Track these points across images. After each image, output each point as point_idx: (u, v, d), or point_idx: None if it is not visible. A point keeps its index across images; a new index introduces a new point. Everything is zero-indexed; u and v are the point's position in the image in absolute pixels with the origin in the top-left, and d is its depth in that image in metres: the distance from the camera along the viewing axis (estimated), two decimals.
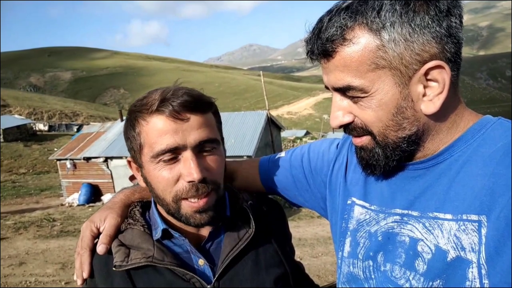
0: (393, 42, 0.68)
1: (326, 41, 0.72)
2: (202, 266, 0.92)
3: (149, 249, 0.90)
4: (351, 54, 0.71)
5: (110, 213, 0.99)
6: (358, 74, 0.72)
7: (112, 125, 20.18)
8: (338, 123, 0.78)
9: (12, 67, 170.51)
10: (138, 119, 0.87)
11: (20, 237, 11.18)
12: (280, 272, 0.98)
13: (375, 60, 0.70)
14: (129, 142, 0.91)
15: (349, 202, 0.95)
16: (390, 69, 0.71)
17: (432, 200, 0.77)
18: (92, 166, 17.90)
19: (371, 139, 0.78)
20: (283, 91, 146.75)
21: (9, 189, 22.75)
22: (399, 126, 0.74)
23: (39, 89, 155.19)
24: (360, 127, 0.77)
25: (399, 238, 0.81)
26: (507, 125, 0.75)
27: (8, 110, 59.76)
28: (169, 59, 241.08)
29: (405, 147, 0.77)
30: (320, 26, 0.74)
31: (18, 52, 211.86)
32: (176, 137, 0.84)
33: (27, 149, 34.79)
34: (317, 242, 9.45)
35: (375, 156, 0.79)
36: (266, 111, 17.98)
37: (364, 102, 0.74)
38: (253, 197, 1.05)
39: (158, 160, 0.86)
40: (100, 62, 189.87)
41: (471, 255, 0.69)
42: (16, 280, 7.48)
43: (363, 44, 0.70)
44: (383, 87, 0.72)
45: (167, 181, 0.86)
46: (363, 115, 0.75)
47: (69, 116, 63.65)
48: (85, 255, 0.94)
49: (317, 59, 0.76)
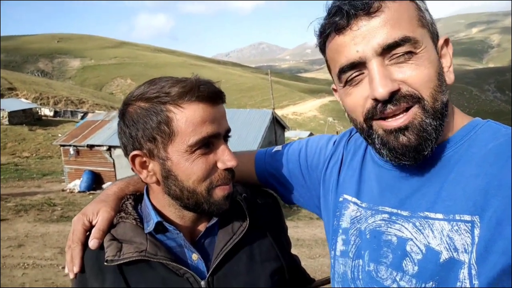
0: (425, 10, 0.76)
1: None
2: (196, 261, 0.90)
3: (141, 243, 0.87)
4: (403, 8, 0.72)
5: (103, 206, 0.95)
6: (411, 28, 0.71)
7: (118, 115, 20.21)
8: (389, 89, 0.70)
9: (21, 51, 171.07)
10: (168, 106, 0.82)
11: (20, 220, 11.26)
12: (275, 266, 0.97)
13: (420, 17, 0.74)
14: (146, 131, 0.84)
15: (341, 199, 0.94)
16: (428, 31, 0.74)
17: (423, 200, 0.76)
18: (95, 154, 17.96)
19: (419, 108, 0.72)
20: (289, 91, 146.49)
21: (11, 171, 22.87)
22: (442, 89, 0.74)
23: (47, 74, 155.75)
24: (409, 94, 0.71)
25: (384, 237, 0.80)
26: (496, 127, 0.76)
27: (14, 94, 59.98)
28: (178, 53, 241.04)
29: (446, 115, 0.75)
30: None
31: (28, 37, 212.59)
32: (214, 125, 0.83)
33: (32, 133, 34.94)
34: (315, 243, 9.46)
35: (426, 128, 0.72)
36: (271, 110, 17.96)
37: (416, 59, 0.71)
38: (247, 190, 1.03)
39: (195, 150, 0.82)
40: (109, 51, 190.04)
41: (463, 256, 0.68)
42: (14, 262, 7.54)
43: (407, 3, 0.73)
44: (430, 46, 0.73)
45: (204, 170, 0.84)
46: (417, 74, 0.71)
47: (74, 103, 63.82)
48: (76, 249, 0.90)
49: (353, 17, 0.72)
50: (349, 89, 0.77)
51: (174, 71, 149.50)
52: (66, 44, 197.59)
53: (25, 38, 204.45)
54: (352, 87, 0.77)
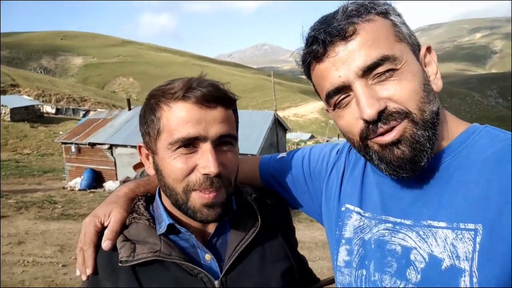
0: (401, 23, 0.76)
1: (347, 18, 0.73)
2: (209, 261, 0.91)
3: (155, 243, 0.88)
4: (377, 28, 0.73)
5: (115, 207, 0.95)
6: (388, 46, 0.72)
7: (120, 113, 20.23)
8: (377, 109, 0.71)
9: (24, 47, 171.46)
10: (160, 104, 0.85)
11: (21, 217, 11.25)
12: (286, 265, 0.98)
13: (396, 33, 0.74)
14: (146, 126, 0.88)
15: (343, 209, 0.94)
16: (407, 44, 0.75)
17: (425, 208, 0.77)
18: (96, 152, 17.96)
19: (409, 122, 0.73)
20: (291, 93, 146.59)
21: (12, 168, 22.89)
22: (429, 99, 0.74)
23: (49, 71, 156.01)
24: (396, 110, 0.72)
25: (388, 246, 0.80)
26: (494, 132, 0.77)
27: (17, 90, 60.09)
28: (180, 52, 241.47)
29: (437, 124, 0.75)
30: (330, 16, 0.76)
31: (31, 33, 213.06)
32: (199, 127, 0.82)
33: (33, 130, 34.99)
34: (315, 246, 9.42)
35: (419, 140, 0.72)
36: (273, 112, 17.95)
37: (398, 74, 0.72)
38: (256, 191, 1.04)
39: (175, 148, 0.83)
40: (112, 50, 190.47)
41: (464, 263, 0.68)
42: (14, 259, 7.53)
43: (381, 22, 0.74)
44: (410, 58, 0.74)
45: (181, 170, 0.83)
46: (400, 89, 0.72)
47: (76, 100, 63.92)
48: (89, 251, 0.90)
49: (330, 44, 0.73)
50: (339, 111, 0.79)
51: (177, 70, 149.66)
52: (70, 42, 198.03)
53: (28, 35, 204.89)
54: (342, 110, 0.78)
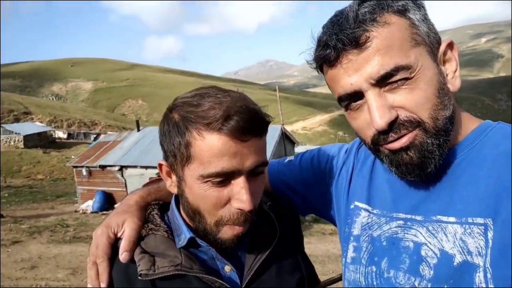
0: (420, 21, 0.72)
1: (359, 25, 0.69)
2: (229, 273, 0.88)
3: (176, 256, 0.84)
4: (392, 33, 0.69)
5: (128, 217, 0.90)
6: (403, 53, 0.69)
7: (129, 135, 20.50)
8: (388, 119, 0.70)
9: (36, 76, 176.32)
10: (190, 129, 0.78)
11: (34, 241, 11.36)
12: (300, 275, 0.97)
13: (413, 36, 0.71)
14: (171, 146, 0.82)
15: (352, 206, 0.94)
16: (425, 45, 0.72)
17: (435, 204, 0.77)
18: (107, 174, 18.15)
19: (420, 130, 0.72)
20: (298, 107, 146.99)
21: (26, 194, 23.25)
22: (444, 104, 0.72)
23: (61, 97, 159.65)
24: (408, 119, 0.71)
25: (403, 243, 0.80)
26: (507, 128, 0.75)
27: (30, 117, 61.48)
28: (187, 73, 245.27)
29: (450, 129, 0.74)
30: (343, 17, 0.72)
31: (43, 62, 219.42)
32: (234, 161, 0.76)
33: (46, 155, 35.61)
34: (328, 259, 9.28)
35: (428, 148, 0.72)
36: (280, 126, 18.00)
37: (411, 83, 0.70)
38: (269, 198, 1.02)
39: (207, 180, 0.78)
40: (120, 74, 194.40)
41: (478, 259, 0.68)
42: (27, 283, 7.57)
43: (398, 23, 0.70)
44: (426, 63, 0.71)
45: (214, 204, 0.80)
46: (412, 98, 0.70)
47: (87, 125, 65.03)
48: (103, 264, 0.84)
49: (342, 51, 0.71)
50: (352, 113, 0.78)
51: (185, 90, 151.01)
52: (79, 68, 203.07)
53: (40, 63, 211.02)
54: (354, 112, 0.77)
